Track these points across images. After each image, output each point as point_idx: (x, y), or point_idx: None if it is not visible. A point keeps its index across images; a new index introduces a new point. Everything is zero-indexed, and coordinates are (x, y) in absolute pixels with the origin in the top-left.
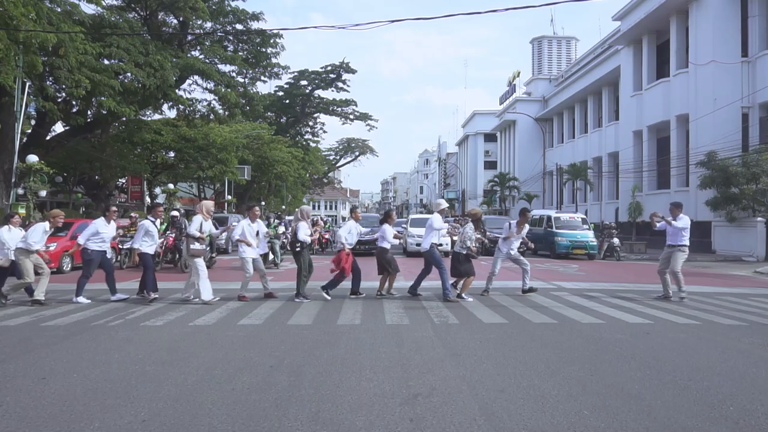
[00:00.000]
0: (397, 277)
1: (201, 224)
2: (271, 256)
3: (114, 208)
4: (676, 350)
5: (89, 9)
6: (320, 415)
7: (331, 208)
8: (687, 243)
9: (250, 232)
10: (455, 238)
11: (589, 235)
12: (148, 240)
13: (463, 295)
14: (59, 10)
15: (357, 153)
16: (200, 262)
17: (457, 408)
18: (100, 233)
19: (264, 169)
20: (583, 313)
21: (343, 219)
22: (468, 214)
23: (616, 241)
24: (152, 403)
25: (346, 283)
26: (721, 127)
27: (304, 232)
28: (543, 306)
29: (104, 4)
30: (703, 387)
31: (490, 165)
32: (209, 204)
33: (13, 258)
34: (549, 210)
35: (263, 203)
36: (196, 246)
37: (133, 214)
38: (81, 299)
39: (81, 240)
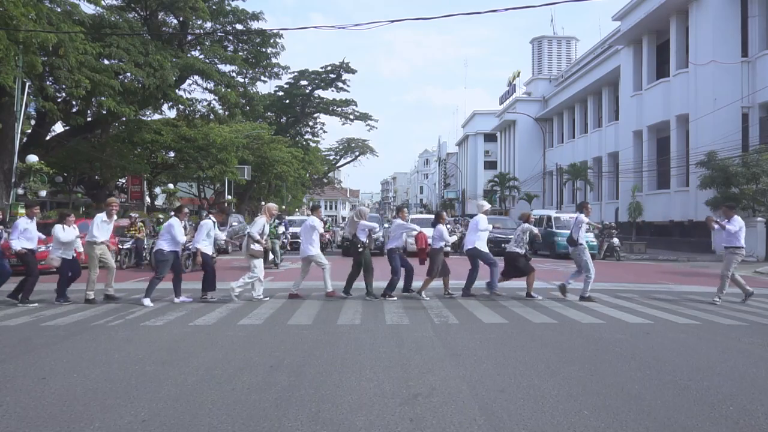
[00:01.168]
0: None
1: (264, 227)
2: (271, 256)
3: (114, 199)
4: (676, 350)
5: (89, 9)
6: (320, 415)
7: (331, 208)
8: (741, 244)
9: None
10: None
11: (588, 235)
12: (208, 240)
13: (532, 293)
14: (59, 10)
15: (357, 153)
16: (259, 263)
17: (457, 408)
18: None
19: (264, 169)
20: (583, 313)
21: (343, 219)
22: (521, 216)
23: (616, 241)
24: (152, 403)
25: (359, 283)
26: (721, 127)
27: (364, 233)
28: (543, 306)
29: (104, 4)
30: (703, 387)
31: (490, 165)
32: (273, 207)
33: (68, 257)
34: (549, 210)
35: (263, 203)
36: (256, 247)
37: (132, 214)
38: (146, 301)
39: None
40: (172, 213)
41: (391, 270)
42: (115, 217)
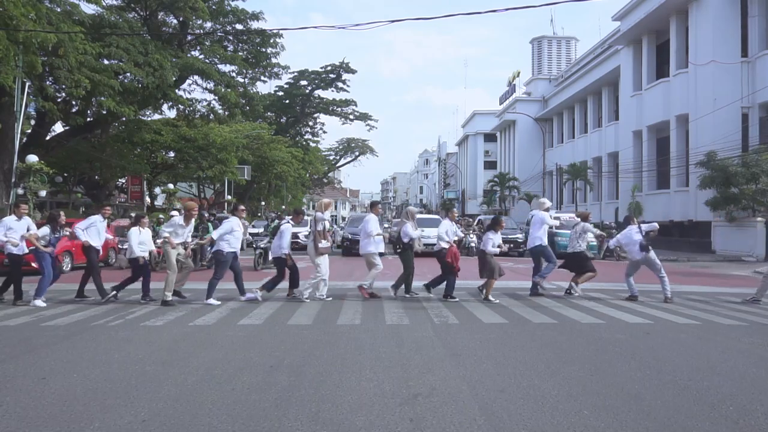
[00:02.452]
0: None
1: (326, 223)
2: (270, 257)
3: (193, 204)
4: (676, 350)
5: (89, 9)
6: (320, 415)
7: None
8: None
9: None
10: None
11: (589, 236)
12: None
13: (574, 285)
14: (59, 10)
15: (357, 153)
16: (324, 262)
17: (457, 408)
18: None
19: (264, 169)
20: (583, 313)
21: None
22: (578, 215)
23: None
24: (152, 403)
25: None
26: (720, 127)
27: (410, 233)
28: (543, 306)
29: (104, 4)
30: (703, 387)
31: (490, 165)
32: (328, 201)
33: (137, 255)
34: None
35: (263, 203)
36: (325, 244)
37: (132, 214)
38: (212, 301)
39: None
40: (231, 212)
41: (443, 271)
42: (192, 221)
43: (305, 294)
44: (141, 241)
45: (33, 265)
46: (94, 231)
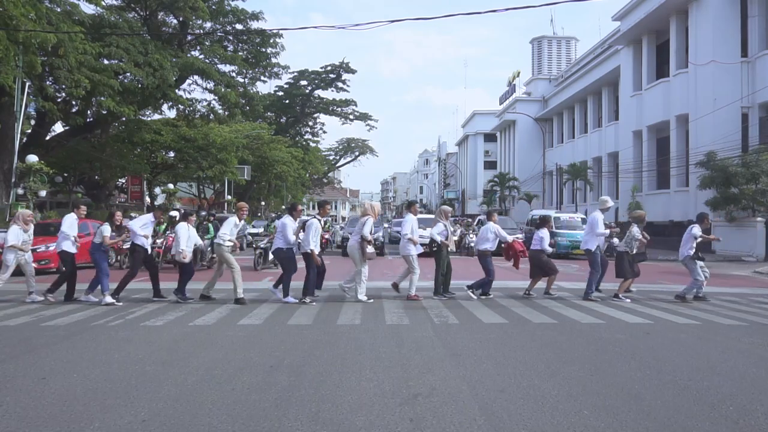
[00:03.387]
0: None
1: (372, 227)
2: (271, 256)
3: (245, 204)
4: (676, 350)
5: (89, 9)
6: (320, 415)
7: (331, 208)
8: None
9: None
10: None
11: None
12: (315, 240)
13: (620, 295)
14: (59, 10)
15: (357, 153)
16: (366, 267)
17: (457, 408)
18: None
19: (264, 169)
20: (583, 313)
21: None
22: (632, 216)
23: (615, 241)
24: (152, 403)
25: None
26: (720, 127)
27: (440, 232)
28: (543, 306)
29: (104, 4)
30: (703, 387)
31: (490, 165)
32: (378, 205)
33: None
34: (549, 210)
35: (263, 203)
36: (370, 249)
37: (132, 214)
38: (290, 299)
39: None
40: (286, 210)
41: (485, 271)
42: (243, 221)
43: (359, 295)
44: (188, 238)
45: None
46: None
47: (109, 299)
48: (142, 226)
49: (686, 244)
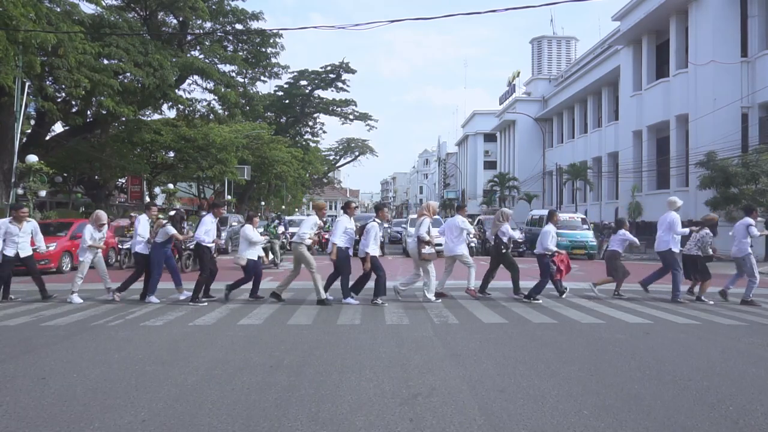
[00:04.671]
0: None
1: (429, 227)
2: (270, 256)
3: (324, 204)
4: (676, 350)
5: (89, 9)
6: (320, 415)
7: (330, 208)
8: None
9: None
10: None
11: (588, 235)
12: (376, 243)
13: (702, 297)
14: (59, 10)
15: (357, 153)
16: (431, 265)
17: (457, 408)
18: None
19: (264, 169)
20: (583, 313)
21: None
22: (705, 219)
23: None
24: (152, 403)
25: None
26: (720, 127)
27: (509, 233)
28: (543, 306)
29: (104, 4)
30: (702, 387)
31: (489, 165)
32: (435, 204)
33: (254, 257)
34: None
35: (263, 203)
36: (428, 250)
37: (133, 214)
38: (350, 300)
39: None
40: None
41: (541, 273)
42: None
43: (428, 295)
44: (257, 240)
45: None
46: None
47: (154, 299)
48: (206, 231)
49: (743, 240)
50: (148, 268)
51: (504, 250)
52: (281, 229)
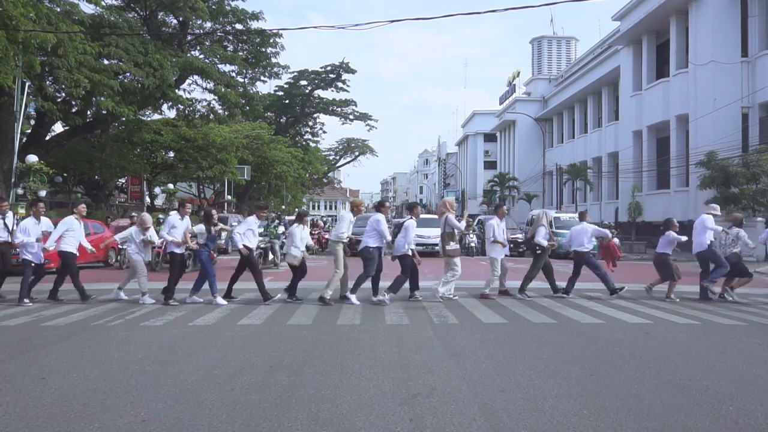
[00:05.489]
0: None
1: (457, 224)
2: (270, 256)
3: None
4: (676, 350)
5: (89, 9)
6: (320, 415)
7: (330, 208)
8: None
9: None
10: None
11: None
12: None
13: (727, 295)
14: (58, 9)
15: (357, 153)
16: (457, 261)
17: (456, 408)
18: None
19: (264, 169)
20: (583, 313)
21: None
22: (732, 218)
23: (615, 241)
24: (152, 403)
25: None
26: (720, 127)
27: (542, 235)
28: (543, 306)
29: (104, 3)
30: (702, 387)
31: (489, 165)
32: (451, 200)
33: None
34: (549, 210)
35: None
36: (452, 246)
37: (133, 214)
38: (386, 298)
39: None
40: (378, 209)
41: (573, 272)
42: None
43: (440, 292)
44: (302, 238)
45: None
46: (71, 235)
47: (220, 300)
48: (246, 231)
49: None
50: (181, 269)
51: (538, 251)
52: (281, 229)
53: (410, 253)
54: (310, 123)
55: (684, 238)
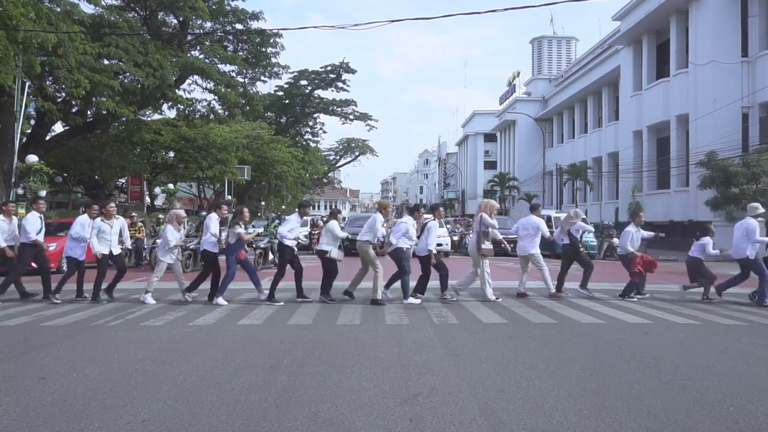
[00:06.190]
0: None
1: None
2: (271, 256)
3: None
4: (676, 350)
5: (89, 9)
6: (320, 415)
7: (331, 208)
8: None
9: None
10: (455, 238)
11: (588, 235)
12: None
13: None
14: (59, 9)
15: (357, 153)
16: (486, 262)
17: (456, 408)
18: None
19: (264, 169)
20: (583, 313)
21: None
22: (759, 216)
23: (615, 241)
24: (152, 403)
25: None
26: (721, 127)
27: (578, 232)
28: (543, 306)
29: (104, 3)
30: (702, 387)
31: (490, 165)
32: (494, 203)
33: (337, 257)
34: (549, 210)
35: (263, 203)
36: (487, 245)
37: (134, 214)
38: (412, 299)
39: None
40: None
41: (630, 274)
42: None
43: (487, 293)
44: (342, 236)
45: (33, 265)
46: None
47: (221, 300)
48: (290, 230)
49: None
50: (214, 268)
51: (582, 249)
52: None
53: (432, 253)
54: (310, 123)
55: (717, 253)
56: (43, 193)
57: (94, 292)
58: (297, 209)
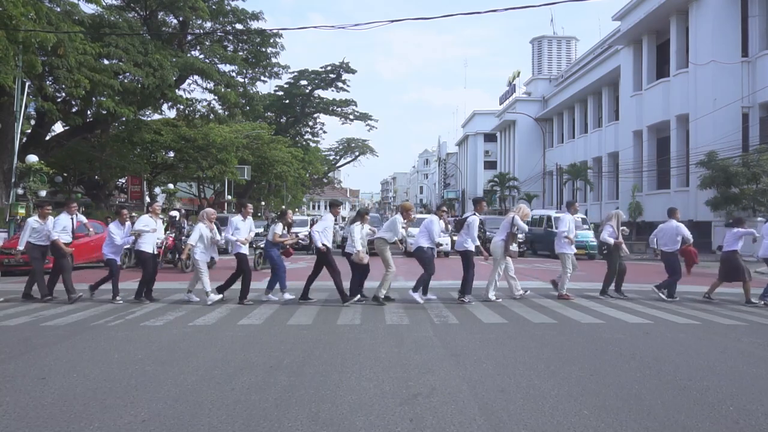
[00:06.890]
0: (395, 277)
1: (519, 225)
2: None
3: (411, 204)
4: (676, 350)
5: (89, 9)
6: (320, 415)
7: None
8: None
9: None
10: (455, 237)
11: (589, 235)
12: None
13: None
14: (59, 9)
15: (357, 153)
16: (510, 261)
17: (457, 408)
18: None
19: (264, 169)
20: (583, 313)
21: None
22: None
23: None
24: (152, 403)
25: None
26: (721, 127)
27: (610, 234)
28: (543, 306)
29: (104, 3)
30: (702, 387)
31: (490, 165)
32: (528, 210)
33: (356, 251)
34: (549, 210)
35: (263, 203)
36: (514, 247)
37: (134, 214)
38: (417, 296)
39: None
40: (433, 213)
41: (671, 271)
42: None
43: (489, 293)
44: (362, 237)
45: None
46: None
47: (288, 296)
48: (324, 229)
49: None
50: (246, 267)
51: (604, 251)
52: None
53: (472, 249)
54: (310, 123)
55: (754, 231)
56: (43, 193)
57: (138, 291)
58: (329, 209)
